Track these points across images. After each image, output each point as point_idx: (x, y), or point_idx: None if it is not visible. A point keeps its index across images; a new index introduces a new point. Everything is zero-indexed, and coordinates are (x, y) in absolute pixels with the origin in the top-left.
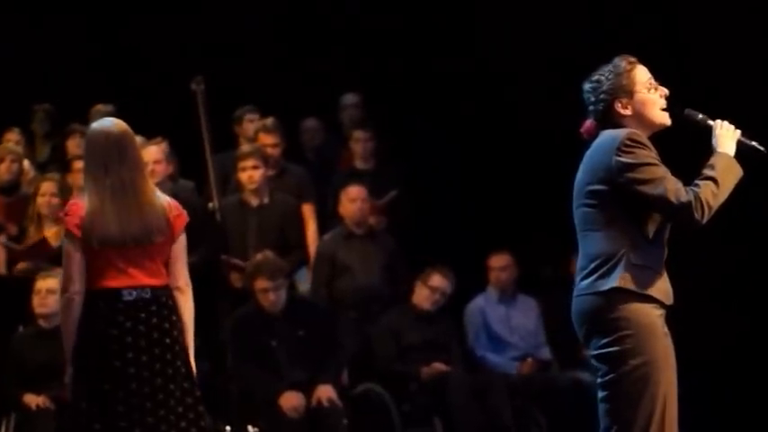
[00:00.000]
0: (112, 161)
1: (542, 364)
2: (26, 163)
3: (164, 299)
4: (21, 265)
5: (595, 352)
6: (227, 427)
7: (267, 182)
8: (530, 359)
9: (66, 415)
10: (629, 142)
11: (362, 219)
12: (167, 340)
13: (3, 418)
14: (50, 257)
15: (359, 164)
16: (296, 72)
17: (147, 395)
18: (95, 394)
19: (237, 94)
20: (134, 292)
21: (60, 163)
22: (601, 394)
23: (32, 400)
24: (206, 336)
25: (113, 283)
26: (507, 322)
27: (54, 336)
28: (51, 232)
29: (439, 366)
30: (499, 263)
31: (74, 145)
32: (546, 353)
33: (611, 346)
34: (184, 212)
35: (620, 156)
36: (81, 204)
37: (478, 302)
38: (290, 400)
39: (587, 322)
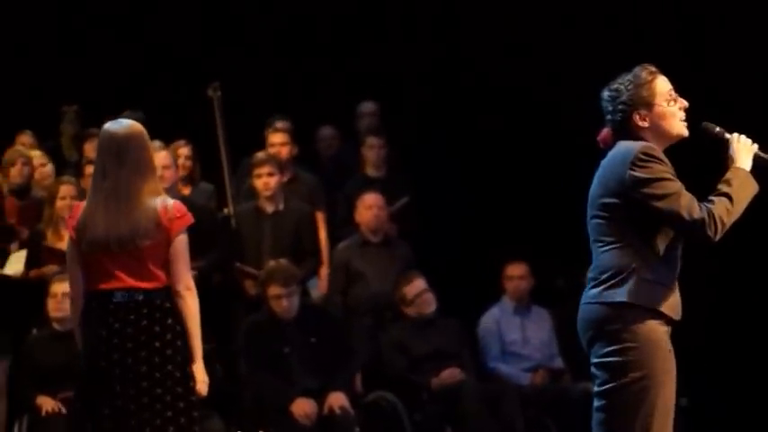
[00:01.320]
0: (111, 164)
1: (555, 375)
2: (49, 167)
3: (158, 302)
4: (49, 269)
5: (596, 360)
6: None
7: (281, 189)
8: (542, 370)
9: (71, 418)
10: (643, 156)
11: (378, 226)
12: (156, 344)
13: (16, 419)
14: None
15: (371, 171)
16: (312, 79)
17: (131, 397)
18: (87, 395)
19: (254, 101)
20: (126, 295)
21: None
22: (596, 403)
23: (45, 402)
24: (219, 341)
25: (106, 285)
26: (522, 333)
27: (68, 338)
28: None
29: (450, 374)
30: (516, 272)
31: (91, 149)
32: (558, 363)
33: (614, 356)
34: (188, 215)
35: (633, 170)
36: (80, 208)
37: (494, 313)
38: (302, 407)
39: (592, 329)
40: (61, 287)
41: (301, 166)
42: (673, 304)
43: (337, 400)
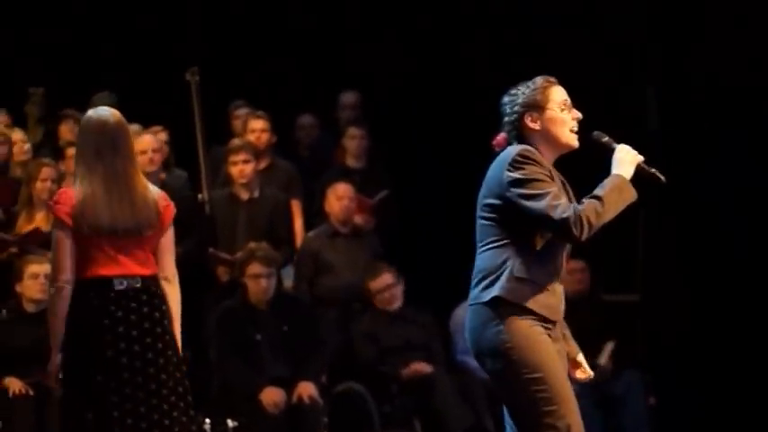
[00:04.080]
0: (106, 150)
1: None
2: (27, 146)
3: (153, 288)
4: (7, 254)
5: (488, 371)
6: (207, 420)
7: (257, 176)
8: None
9: (60, 404)
10: (519, 158)
11: (348, 217)
12: (158, 330)
13: None
14: (42, 243)
15: (351, 162)
16: (293, 67)
17: (140, 385)
18: (88, 384)
19: (233, 87)
20: (125, 281)
21: (53, 148)
22: (506, 413)
23: (12, 383)
24: (190, 327)
25: (104, 271)
26: None
27: (38, 320)
28: (43, 218)
29: (419, 367)
30: None
31: (67, 130)
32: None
33: (499, 363)
34: (172, 204)
35: (510, 170)
36: (71, 192)
37: (461, 312)
38: (271, 396)
39: (474, 341)
40: (41, 268)
41: (277, 153)
42: (547, 303)
43: (306, 389)
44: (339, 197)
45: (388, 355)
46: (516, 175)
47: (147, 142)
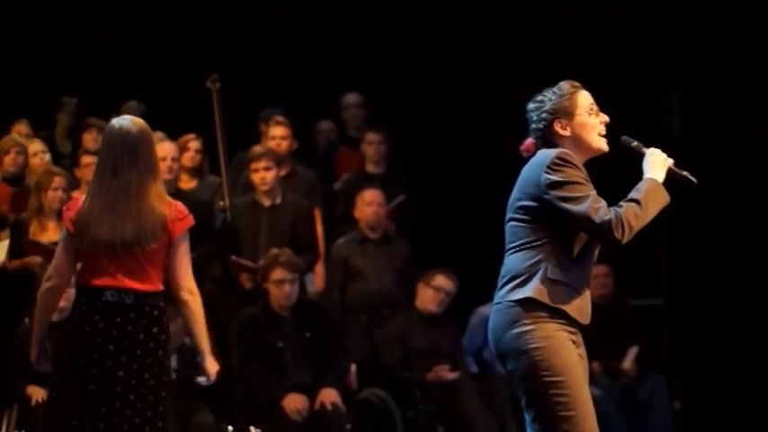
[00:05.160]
0: (123, 163)
1: None
2: (48, 157)
3: (147, 308)
4: (33, 263)
5: (510, 372)
6: (230, 428)
7: (279, 183)
8: None
9: (45, 405)
10: (558, 161)
11: (377, 223)
12: (138, 351)
13: (6, 409)
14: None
15: (370, 167)
16: (310, 73)
17: (104, 399)
18: (61, 389)
19: (253, 94)
20: (116, 294)
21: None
22: (527, 417)
23: (35, 392)
24: (213, 335)
25: (98, 281)
26: None
27: (60, 329)
28: (55, 227)
29: (444, 372)
30: None
31: (90, 139)
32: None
33: (521, 363)
34: (189, 217)
35: (548, 173)
36: (80, 201)
37: (486, 310)
38: (294, 402)
39: (497, 342)
40: None
41: (297, 159)
42: (579, 307)
43: (329, 396)
44: (368, 203)
45: (414, 358)
46: (555, 177)
47: (168, 150)
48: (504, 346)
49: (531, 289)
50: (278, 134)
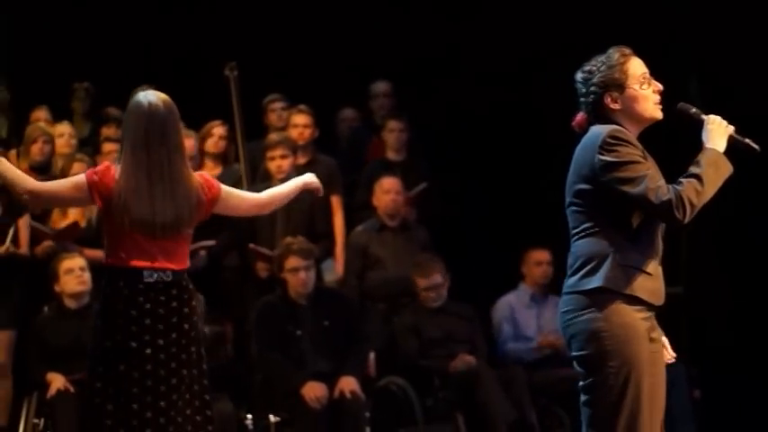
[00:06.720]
0: (154, 138)
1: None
2: (74, 141)
3: (184, 283)
4: (42, 247)
5: (575, 354)
6: (249, 416)
7: (296, 170)
8: (550, 336)
9: (82, 394)
10: (610, 140)
11: (396, 211)
12: (185, 325)
13: (25, 397)
14: (79, 237)
15: (391, 155)
16: (331, 60)
17: (162, 378)
18: (110, 374)
19: (271, 82)
20: (155, 274)
21: (97, 143)
22: (582, 398)
23: (55, 379)
24: (232, 324)
25: (136, 262)
26: (537, 321)
27: (79, 317)
28: (77, 213)
29: (466, 358)
30: (537, 258)
31: (110, 133)
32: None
33: (591, 348)
34: (215, 181)
35: (602, 154)
36: (113, 173)
37: (509, 299)
38: (313, 391)
39: (569, 321)
40: (76, 262)
41: (317, 147)
42: (651, 289)
43: (348, 384)
44: (386, 191)
45: (431, 348)
46: (609, 158)
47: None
48: (574, 330)
49: (602, 278)
50: (300, 122)
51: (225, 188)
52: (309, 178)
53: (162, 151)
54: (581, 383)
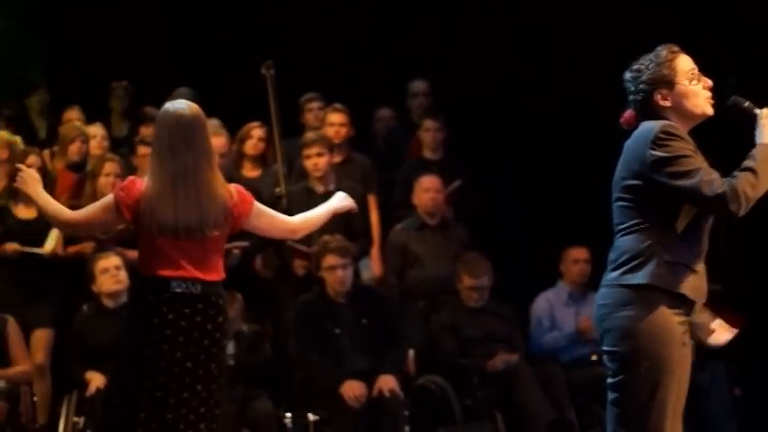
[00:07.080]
0: (179, 144)
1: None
2: (106, 143)
3: (213, 298)
4: (80, 248)
5: (607, 348)
6: (288, 414)
7: (333, 169)
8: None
9: (106, 396)
10: (662, 135)
11: (436, 209)
12: (206, 341)
13: (65, 395)
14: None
15: (428, 154)
16: (368, 59)
17: (173, 391)
18: (126, 380)
19: (308, 80)
20: (183, 285)
21: (132, 145)
22: (609, 396)
23: (94, 377)
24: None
25: (164, 272)
26: (574, 318)
27: (118, 316)
28: None
29: (506, 357)
30: (575, 256)
31: (147, 133)
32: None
33: (624, 345)
34: (250, 197)
35: (654, 149)
36: (139, 185)
37: (548, 296)
38: (352, 389)
39: (607, 314)
40: (111, 261)
41: (353, 147)
42: (695, 286)
43: (387, 382)
44: (425, 189)
45: (470, 347)
46: (661, 153)
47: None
48: (610, 324)
49: (648, 274)
50: (336, 121)
51: (258, 206)
52: (340, 202)
53: (188, 157)
54: (609, 380)
